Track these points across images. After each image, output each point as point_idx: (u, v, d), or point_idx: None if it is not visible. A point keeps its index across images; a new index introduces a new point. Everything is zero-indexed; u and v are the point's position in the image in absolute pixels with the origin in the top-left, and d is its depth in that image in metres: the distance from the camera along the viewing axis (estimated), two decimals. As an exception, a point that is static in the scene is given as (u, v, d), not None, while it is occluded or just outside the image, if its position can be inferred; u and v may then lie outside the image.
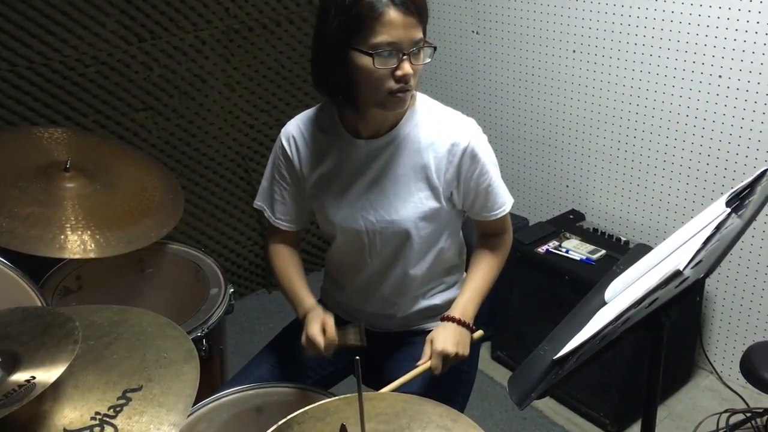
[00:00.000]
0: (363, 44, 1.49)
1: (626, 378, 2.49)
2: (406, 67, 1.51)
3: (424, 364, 1.63)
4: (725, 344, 2.75)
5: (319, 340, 1.62)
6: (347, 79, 1.55)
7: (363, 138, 1.67)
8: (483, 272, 1.77)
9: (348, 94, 1.59)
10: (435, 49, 1.56)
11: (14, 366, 1.14)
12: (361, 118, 1.65)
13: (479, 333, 1.73)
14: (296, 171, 1.75)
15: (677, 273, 1.14)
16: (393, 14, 1.47)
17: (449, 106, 1.72)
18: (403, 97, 1.55)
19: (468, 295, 1.73)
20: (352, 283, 1.82)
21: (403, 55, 1.50)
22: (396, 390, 1.57)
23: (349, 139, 1.68)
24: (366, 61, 1.49)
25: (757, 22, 2.32)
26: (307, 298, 1.75)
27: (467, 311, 1.70)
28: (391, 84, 1.52)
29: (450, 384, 1.76)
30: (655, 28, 2.58)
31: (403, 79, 1.52)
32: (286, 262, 1.83)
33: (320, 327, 1.64)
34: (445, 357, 1.61)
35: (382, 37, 1.47)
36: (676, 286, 1.12)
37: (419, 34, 1.52)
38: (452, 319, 1.68)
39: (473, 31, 3.19)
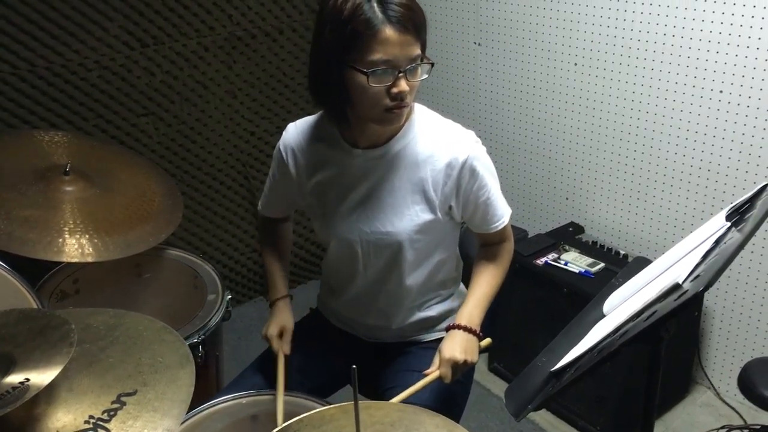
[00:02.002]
0: (358, 61, 1.47)
1: (623, 392, 2.48)
2: (402, 85, 1.49)
3: (432, 374, 1.63)
4: (723, 360, 2.74)
5: (275, 345, 1.78)
6: (343, 94, 1.54)
7: (360, 148, 1.67)
8: (486, 279, 1.76)
9: (344, 108, 1.58)
10: (432, 65, 1.55)
11: (8, 368, 1.13)
12: (357, 129, 1.64)
13: (487, 341, 1.73)
14: (292, 176, 1.76)
15: (676, 286, 1.14)
16: (389, 32, 1.44)
17: (450, 117, 1.71)
18: (399, 113, 1.54)
19: (473, 302, 1.72)
20: (347, 292, 1.82)
21: (399, 72, 1.48)
22: (388, 398, 1.56)
23: (347, 148, 1.68)
24: (361, 78, 1.48)
25: (759, 39, 2.33)
26: (280, 288, 1.88)
27: (473, 318, 1.69)
28: (387, 101, 1.50)
29: (446, 395, 1.75)
30: (657, 43, 2.58)
31: (399, 96, 1.50)
32: (274, 242, 1.95)
33: (278, 332, 1.80)
34: (454, 365, 1.62)
35: (377, 55, 1.45)
36: (675, 299, 1.11)
37: (416, 51, 1.49)
38: (458, 327, 1.67)
39: (475, 43, 3.20)
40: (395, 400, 1.56)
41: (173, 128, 3.00)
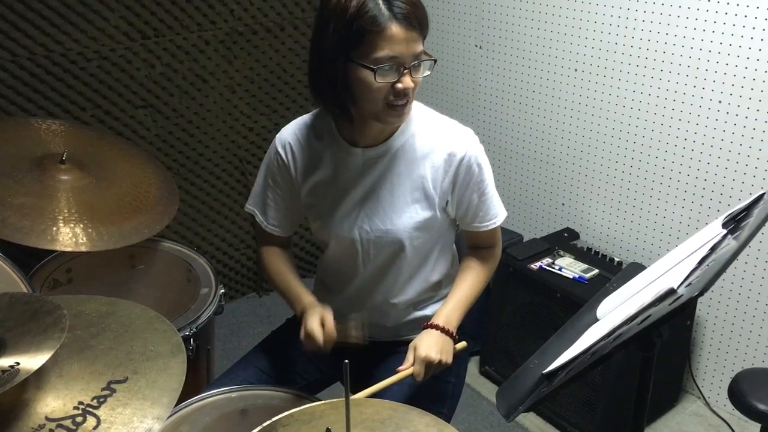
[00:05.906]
0: (364, 58, 1.48)
1: (614, 399, 2.48)
2: (407, 81, 1.50)
3: (405, 371, 1.61)
4: (714, 370, 2.74)
5: (318, 335, 1.60)
6: (345, 91, 1.54)
7: (359, 146, 1.66)
8: (469, 283, 1.76)
9: (345, 105, 1.58)
10: (435, 61, 1.55)
11: (-1, 351, 1.13)
12: (357, 127, 1.64)
13: (462, 344, 1.72)
14: (292, 178, 1.74)
15: (671, 291, 1.14)
16: (395, 29, 1.46)
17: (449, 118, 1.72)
18: (402, 110, 1.55)
19: (453, 304, 1.72)
20: (344, 290, 1.81)
21: (404, 69, 1.49)
22: (378, 395, 1.55)
23: (346, 147, 1.67)
24: (366, 74, 1.48)
25: (759, 50, 2.33)
26: (304, 295, 1.73)
27: (451, 320, 1.69)
28: (390, 97, 1.51)
29: (436, 395, 1.75)
30: (657, 51, 2.59)
31: (403, 93, 1.51)
32: (280, 262, 1.83)
33: (319, 322, 1.62)
34: (428, 364, 1.60)
35: (384, 52, 1.46)
36: (670, 304, 1.11)
37: (420, 48, 1.51)
38: (436, 327, 1.67)
39: (476, 45, 3.20)
40: (362, 394, 1.54)
41: (171, 121, 3.00)
